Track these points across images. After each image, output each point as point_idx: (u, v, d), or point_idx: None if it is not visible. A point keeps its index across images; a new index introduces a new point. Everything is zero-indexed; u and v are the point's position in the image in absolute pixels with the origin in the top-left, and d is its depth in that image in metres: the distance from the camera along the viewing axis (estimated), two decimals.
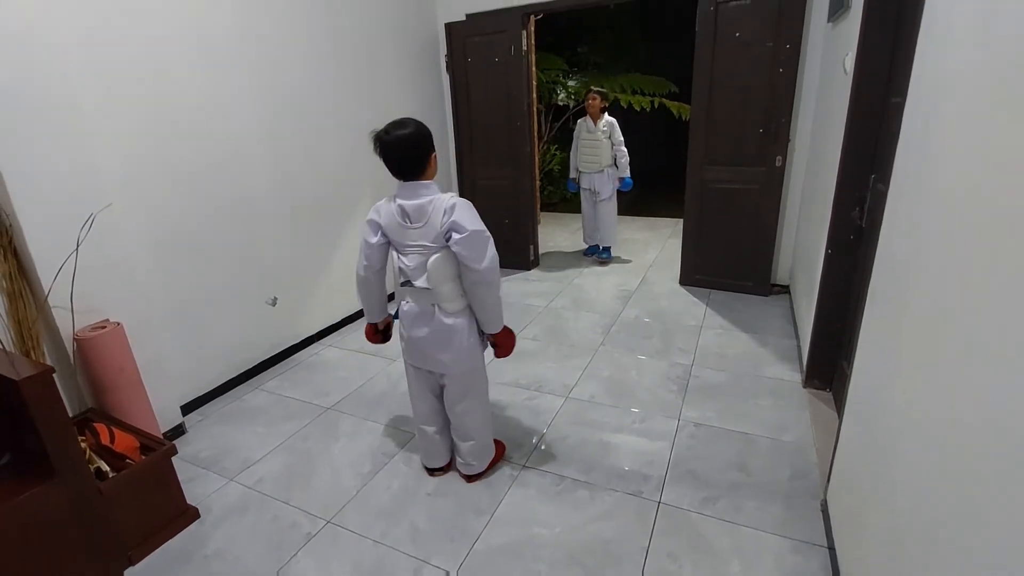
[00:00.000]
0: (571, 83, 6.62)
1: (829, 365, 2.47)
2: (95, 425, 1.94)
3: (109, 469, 1.82)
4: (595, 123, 4.35)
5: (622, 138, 4.34)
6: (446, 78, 4.42)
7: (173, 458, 1.96)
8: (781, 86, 3.29)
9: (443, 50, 4.33)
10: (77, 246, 1.97)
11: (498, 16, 4.02)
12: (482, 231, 1.69)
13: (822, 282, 2.37)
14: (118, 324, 2.12)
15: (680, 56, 5.95)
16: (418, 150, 1.71)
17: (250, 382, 2.95)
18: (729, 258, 3.79)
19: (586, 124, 4.41)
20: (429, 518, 1.92)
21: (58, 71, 1.92)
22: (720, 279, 3.87)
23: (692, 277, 3.99)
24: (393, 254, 1.85)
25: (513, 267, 4.60)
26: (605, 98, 4.38)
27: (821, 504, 1.85)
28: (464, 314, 1.84)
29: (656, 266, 4.56)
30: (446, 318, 1.81)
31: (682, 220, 3.97)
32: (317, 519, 1.94)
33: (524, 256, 4.60)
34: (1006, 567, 0.71)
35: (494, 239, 1.73)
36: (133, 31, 2.25)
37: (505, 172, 4.39)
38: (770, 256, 3.67)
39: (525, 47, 4.02)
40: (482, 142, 4.44)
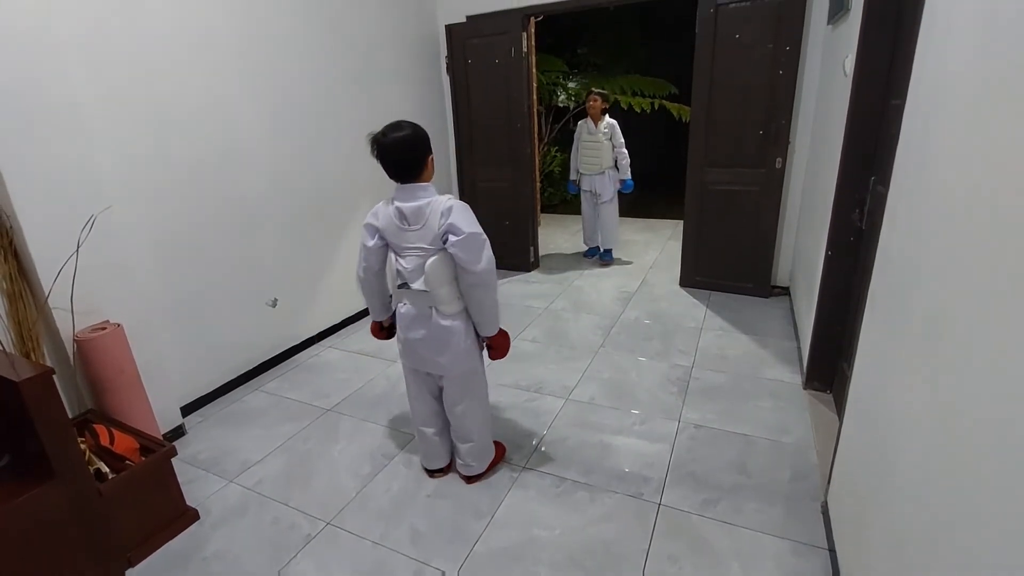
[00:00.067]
0: (571, 85, 6.63)
1: (829, 367, 2.47)
2: (95, 426, 1.94)
3: (109, 470, 1.82)
4: (596, 125, 4.35)
5: (623, 140, 4.35)
6: (446, 80, 4.43)
7: (173, 459, 1.96)
8: (781, 88, 3.29)
9: (443, 52, 4.33)
10: (77, 247, 1.97)
11: (498, 18, 4.02)
12: (479, 233, 1.69)
13: (822, 284, 2.37)
14: (118, 325, 2.12)
15: (680, 58, 5.97)
16: (415, 152, 1.71)
17: (250, 383, 2.95)
18: (729, 260, 3.79)
19: (587, 126, 4.41)
20: (429, 520, 1.92)
21: (58, 71, 1.92)
22: (720, 281, 3.87)
23: (692, 279, 3.99)
24: (391, 256, 1.85)
25: (513, 269, 4.60)
26: (606, 100, 4.39)
27: (822, 506, 1.84)
28: (461, 316, 1.83)
29: (656, 268, 4.56)
30: (443, 320, 1.81)
31: (682, 222, 3.98)
32: (317, 521, 1.94)
33: (524, 258, 4.60)
34: (1007, 568, 0.70)
35: (494, 241, 1.73)
36: (133, 31, 2.25)
37: (505, 174, 4.40)
38: (770, 258, 3.67)
39: (525, 49, 4.03)
40: (482, 144, 4.44)
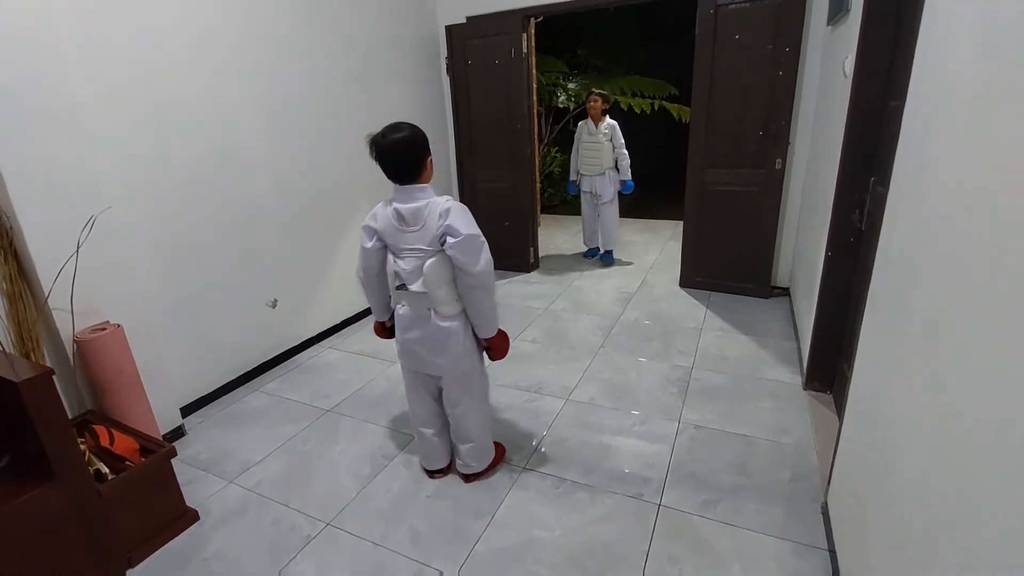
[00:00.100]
0: (571, 85, 6.64)
1: (829, 367, 2.47)
2: (95, 427, 1.94)
3: (108, 471, 1.81)
4: (597, 125, 4.35)
5: (623, 141, 4.35)
6: (446, 80, 4.43)
7: (172, 460, 1.95)
8: (781, 89, 3.29)
9: (443, 52, 4.34)
10: (77, 248, 1.96)
11: (498, 19, 4.02)
12: (476, 235, 1.68)
13: (822, 284, 2.37)
14: (118, 326, 2.12)
15: (680, 58, 5.97)
16: (413, 154, 1.71)
17: (250, 384, 2.95)
18: (729, 260, 3.79)
19: (587, 126, 4.41)
20: (429, 520, 1.91)
21: (58, 71, 1.92)
22: (720, 281, 3.87)
23: (692, 279, 3.99)
24: (389, 258, 1.85)
25: (513, 269, 4.60)
26: (606, 100, 4.39)
27: (822, 507, 1.84)
28: (460, 317, 1.83)
29: (656, 268, 4.56)
30: (442, 321, 1.81)
31: (682, 222, 3.98)
32: (317, 521, 1.94)
33: (524, 258, 4.60)
34: (1007, 568, 0.70)
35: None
36: (133, 31, 2.25)
37: (505, 174, 4.40)
38: (770, 258, 3.67)
39: (525, 49, 4.03)
40: (482, 144, 4.44)
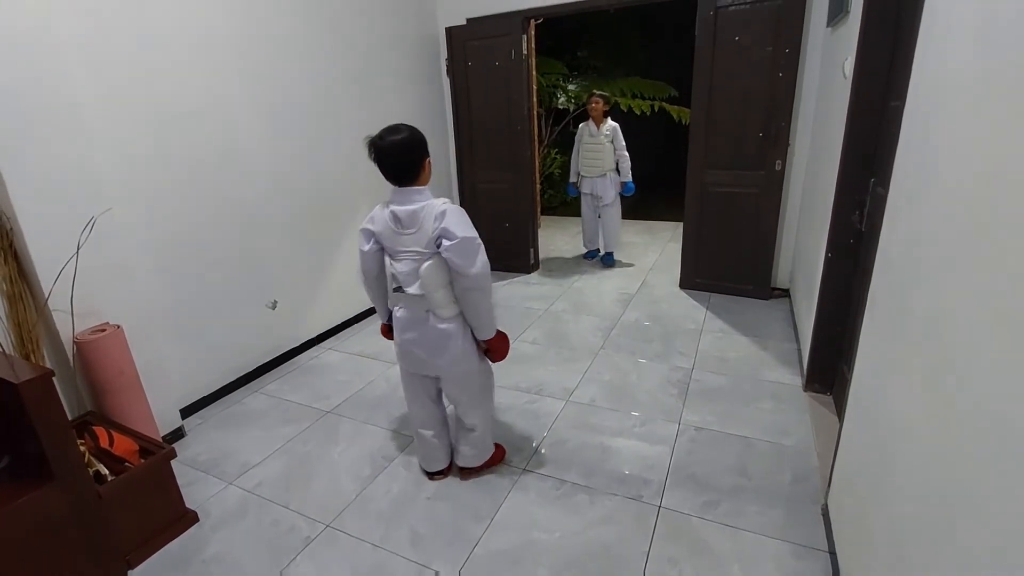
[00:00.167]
0: (571, 87, 6.64)
1: (830, 369, 2.47)
2: (94, 428, 1.94)
3: (108, 472, 1.81)
4: (598, 127, 4.35)
5: (624, 143, 4.35)
6: (446, 82, 4.43)
7: (172, 461, 1.95)
8: (781, 90, 3.29)
9: (443, 54, 4.34)
10: (77, 249, 1.96)
11: (498, 20, 4.03)
12: (472, 238, 1.68)
13: (822, 286, 2.37)
14: (118, 327, 2.12)
15: (680, 60, 5.98)
16: (412, 155, 1.71)
17: (249, 385, 2.95)
18: (729, 261, 3.79)
19: (588, 128, 4.41)
20: (429, 522, 1.91)
21: (58, 71, 1.92)
22: (720, 282, 3.87)
23: (692, 280, 3.99)
24: (387, 260, 1.85)
25: (513, 271, 4.60)
26: (607, 102, 4.39)
27: (822, 508, 1.84)
28: (458, 319, 1.83)
29: (656, 269, 4.56)
30: (440, 323, 1.81)
31: (682, 224, 3.98)
32: (316, 523, 1.93)
33: (524, 260, 4.59)
34: (1007, 568, 0.70)
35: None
36: (133, 31, 2.26)
37: (505, 176, 4.40)
38: (770, 260, 3.67)
39: (525, 51, 4.03)
40: (482, 146, 4.44)
